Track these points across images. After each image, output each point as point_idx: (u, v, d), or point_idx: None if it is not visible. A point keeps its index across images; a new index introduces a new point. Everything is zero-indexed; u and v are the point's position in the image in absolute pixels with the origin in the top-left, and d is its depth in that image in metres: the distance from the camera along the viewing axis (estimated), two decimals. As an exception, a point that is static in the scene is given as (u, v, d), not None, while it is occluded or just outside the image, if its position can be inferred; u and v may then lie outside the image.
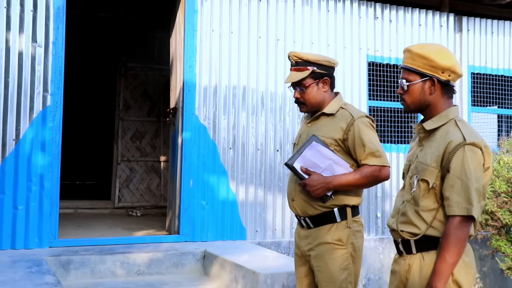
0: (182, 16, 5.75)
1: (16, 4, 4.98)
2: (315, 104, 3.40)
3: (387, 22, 6.54)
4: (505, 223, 5.53)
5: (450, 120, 2.65)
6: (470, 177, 2.50)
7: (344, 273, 3.28)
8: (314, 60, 3.39)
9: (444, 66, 2.63)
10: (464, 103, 6.89)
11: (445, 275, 2.51)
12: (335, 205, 3.31)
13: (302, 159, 3.29)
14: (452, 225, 2.52)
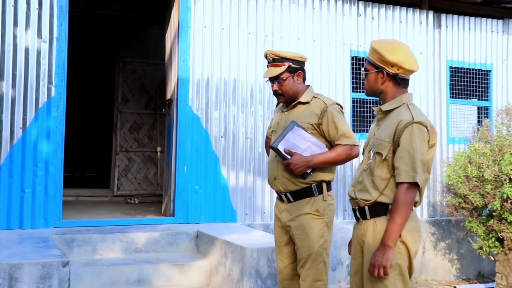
0: (176, 14, 6.16)
1: (23, 3, 5.39)
2: (292, 95, 3.89)
3: (370, 19, 6.96)
4: (476, 205, 5.97)
5: (403, 104, 3.12)
6: (416, 150, 2.96)
7: (321, 239, 3.77)
8: (289, 57, 3.88)
9: (392, 61, 3.09)
10: (442, 95, 7.31)
11: (395, 235, 2.95)
12: (313, 181, 3.81)
13: (285, 141, 3.75)
14: (400, 190, 2.97)
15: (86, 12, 8.26)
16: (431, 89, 7.24)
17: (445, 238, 7.16)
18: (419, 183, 2.93)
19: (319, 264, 3.79)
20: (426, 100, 7.19)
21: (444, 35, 7.38)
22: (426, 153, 3.00)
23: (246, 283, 4.63)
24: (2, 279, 3.95)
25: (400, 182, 2.96)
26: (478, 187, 5.91)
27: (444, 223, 7.13)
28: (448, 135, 7.30)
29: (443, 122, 7.28)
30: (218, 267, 5.08)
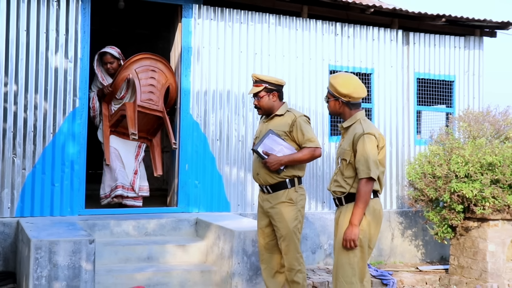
0: (179, 36, 7.29)
1: (53, 30, 6.53)
2: (267, 109, 5.14)
3: (346, 37, 8.07)
4: (431, 197, 7.09)
5: (357, 120, 4.35)
6: (368, 154, 4.16)
7: (295, 221, 5.01)
8: (266, 80, 5.14)
9: (344, 93, 4.34)
10: (410, 103, 8.42)
11: (359, 216, 4.20)
12: (286, 176, 5.00)
13: (263, 145, 5.00)
14: (361, 184, 4.20)
15: (103, 29, 9.41)
16: (400, 98, 8.36)
17: (411, 227, 8.27)
18: (373, 177, 4.17)
19: (295, 240, 4.99)
20: (396, 107, 8.31)
21: (412, 51, 8.49)
22: (377, 155, 4.20)
23: (234, 259, 5.76)
24: (44, 252, 5.10)
25: (360, 178, 4.16)
26: (432, 182, 7.03)
27: (410, 214, 8.25)
28: (415, 137, 8.42)
29: (411, 127, 8.40)
30: (213, 247, 6.23)
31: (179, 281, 5.88)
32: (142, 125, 6.97)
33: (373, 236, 4.36)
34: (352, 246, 4.20)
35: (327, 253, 7.70)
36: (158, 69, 7.05)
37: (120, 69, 6.93)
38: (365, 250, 4.31)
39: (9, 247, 6.21)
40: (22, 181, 6.36)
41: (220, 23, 7.38)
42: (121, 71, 6.92)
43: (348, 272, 4.25)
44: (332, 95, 4.43)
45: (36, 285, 5.05)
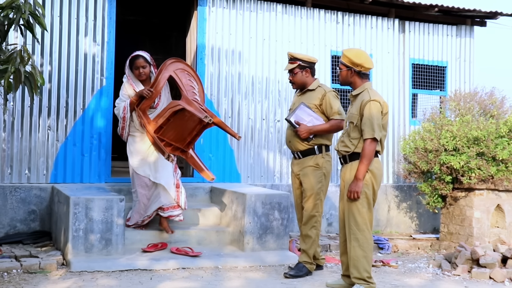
0: (195, 23, 8.02)
1: (83, 16, 7.27)
2: (300, 84, 5.91)
3: (346, 25, 8.80)
4: (423, 170, 7.81)
5: (365, 89, 5.09)
6: (373, 117, 4.90)
7: (319, 184, 5.79)
8: (300, 57, 5.88)
9: (356, 62, 5.07)
10: (406, 86, 9.14)
11: (363, 171, 4.96)
12: (315, 143, 5.75)
13: (295, 116, 5.77)
14: (365, 144, 4.95)
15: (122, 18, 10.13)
16: (396, 81, 9.08)
17: (406, 200, 9.00)
18: (377, 137, 4.91)
19: (317, 200, 5.75)
20: (392, 90, 9.03)
21: (408, 38, 9.20)
22: (380, 119, 4.96)
23: (246, 219, 6.49)
24: (81, 208, 5.85)
25: (365, 138, 4.90)
26: (424, 156, 7.75)
27: (405, 188, 8.97)
28: (410, 117, 9.14)
29: (406, 108, 9.12)
30: (227, 210, 6.97)
31: (196, 240, 6.62)
32: (183, 130, 6.31)
33: (376, 190, 5.11)
34: (355, 197, 4.93)
35: (329, 222, 8.43)
36: (190, 74, 6.67)
37: (160, 70, 6.40)
38: (371, 202, 5.06)
39: (45, 209, 6.96)
40: (56, 151, 7.10)
41: (232, 11, 8.11)
42: (161, 71, 6.39)
43: (358, 220, 4.99)
44: (345, 65, 5.16)
45: (74, 237, 5.80)
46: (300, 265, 5.78)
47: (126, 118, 6.37)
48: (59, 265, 5.71)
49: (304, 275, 5.70)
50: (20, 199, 6.87)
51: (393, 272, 6.21)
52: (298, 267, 5.78)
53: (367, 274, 5.00)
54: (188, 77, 6.58)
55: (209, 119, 6.16)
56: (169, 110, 6.26)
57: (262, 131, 8.21)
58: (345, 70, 5.17)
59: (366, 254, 5.00)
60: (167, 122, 6.25)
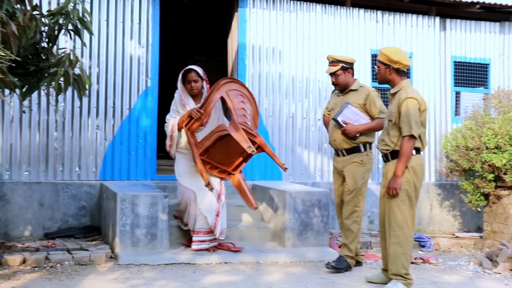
0: (236, 24, 8.21)
1: (128, 19, 7.55)
2: (344, 85, 6.05)
3: (386, 24, 8.84)
4: (464, 168, 7.80)
5: (403, 87, 5.16)
6: (410, 115, 5.00)
7: (362, 180, 5.91)
8: (342, 59, 6.03)
9: (395, 60, 5.15)
10: (447, 84, 9.11)
11: (401, 168, 5.06)
12: (360, 142, 5.90)
13: (342, 115, 5.92)
14: (403, 141, 5.04)
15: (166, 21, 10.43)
16: (438, 79, 9.07)
17: (449, 198, 8.97)
18: (414, 134, 4.98)
19: (359, 195, 5.91)
20: (433, 88, 9.02)
21: (449, 36, 9.17)
22: (418, 116, 5.04)
23: (287, 216, 6.64)
24: (128, 204, 6.10)
25: (403, 136, 5.01)
26: (465, 154, 7.74)
27: (448, 186, 8.95)
28: (453, 115, 9.11)
29: (448, 106, 9.10)
30: (268, 207, 7.12)
31: (239, 235, 6.80)
32: (230, 153, 6.15)
33: (418, 187, 5.16)
34: (394, 193, 5.02)
35: (370, 220, 8.50)
36: (244, 95, 6.31)
37: (211, 91, 6.09)
38: (412, 199, 5.12)
39: (94, 205, 7.26)
40: (104, 150, 7.40)
41: (272, 12, 8.26)
42: (212, 92, 6.08)
43: (398, 217, 5.07)
44: (383, 63, 5.23)
45: (122, 231, 6.06)
46: (342, 259, 5.90)
47: (174, 137, 6.25)
48: (108, 258, 5.97)
49: (344, 269, 5.82)
50: (71, 195, 7.18)
51: (432, 269, 6.25)
52: (339, 260, 5.89)
53: (405, 270, 5.07)
54: (242, 99, 6.26)
55: (252, 149, 5.89)
56: (216, 133, 6.10)
57: (303, 130, 8.33)
58: (383, 68, 5.24)
59: (405, 251, 5.07)
60: (213, 146, 6.09)
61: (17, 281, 5.04)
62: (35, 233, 7.01)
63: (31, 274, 5.29)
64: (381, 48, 5.39)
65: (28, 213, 7.01)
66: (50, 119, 7.16)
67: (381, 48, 5.39)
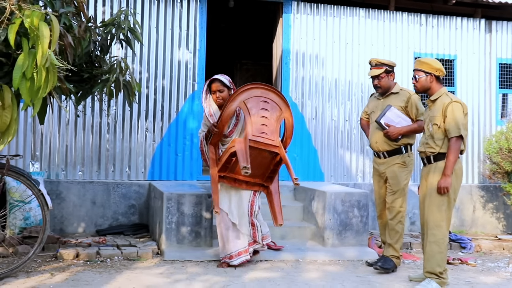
0: (280, 29, 8.45)
1: (177, 26, 7.90)
2: (386, 88, 6.17)
3: (430, 27, 8.90)
4: (506, 170, 7.82)
5: (443, 93, 5.36)
6: (457, 117, 5.19)
7: (405, 181, 6.05)
8: (386, 63, 6.15)
9: (436, 67, 5.32)
10: (492, 86, 9.10)
11: (451, 168, 5.24)
12: (402, 144, 6.01)
13: (385, 118, 6.04)
14: (452, 141, 5.23)
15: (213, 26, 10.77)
16: (482, 82, 9.07)
17: (493, 200, 8.96)
18: (462, 135, 5.19)
19: (403, 196, 6.04)
20: (478, 90, 9.03)
21: (495, 38, 9.15)
22: (463, 119, 5.24)
23: (326, 216, 6.84)
24: (173, 202, 6.42)
25: (451, 137, 5.20)
26: (508, 156, 7.75)
27: (492, 188, 8.94)
28: (497, 118, 9.09)
29: (493, 108, 9.08)
30: (308, 207, 7.34)
31: (280, 234, 7.03)
32: (256, 166, 5.69)
33: (457, 189, 5.35)
34: (445, 192, 5.20)
35: (412, 221, 8.59)
36: (270, 100, 5.86)
37: (227, 102, 5.78)
38: (451, 201, 5.30)
39: (143, 204, 7.64)
40: (152, 151, 7.77)
41: (316, 17, 8.46)
42: (227, 104, 5.76)
43: (437, 217, 5.25)
44: (424, 71, 5.40)
45: (167, 229, 6.39)
46: (388, 259, 5.99)
47: (204, 151, 6.13)
48: (154, 254, 6.32)
49: (391, 269, 5.93)
50: (121, 195, 7.57)
51: (470, 270, 6.33)
52: (385, 260, 5.99)
53: (440, 269, 5.22)
54: (264, 105, 5.82)
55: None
56: (229, 149, 5.77)
57: (345, 132, 8.50)
58: (424, 76, 5.41)
59: (441, 250, 5.23)
60: (231, 161, 5.78)
61: (70, 273, 5.42)
62: (87, 229, 7.43)
63: (83, 267, 5.68)
64: (418, 59, 5.56)
65: (81, 211, 7.43)
66: (103, 122, 7.58)
67: (418, 59, 5.56)
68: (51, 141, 7.42)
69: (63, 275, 5.32)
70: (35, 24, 3.28)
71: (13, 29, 3.29)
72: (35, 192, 5.29)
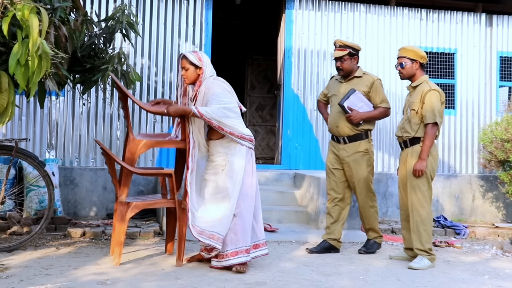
0: (283, 25, 8.84)
1: (184, 22, 8.36)
2: (348, 71, 6.03)
3: (430, 21, 9.18)
4: (500, 159, 8.05)
5: (424, 81, 5.68)
6: (434, 105, 5.53)
7: (369, 168, 6.06)
8: (350, 45, 6.01)
9: (422, 55, 5.67)
10: (493, 79, 9.32)
11: (426, 152, 5.58)
12: (362, 129, 5.99)
13: (349, 101, 5.99)
14: (428, 127, 5.56)
15: (225, 22, 11.24)
16: (482, 75, 9.30)
17: (492, 190, 9.18)
18: (438, 122, 5.51)
19: (369, 182, 6.07)
20: (478, 83, 9.26)
21: (495, 32, 9.37)
22: (440, 106, 5.56)
23: (320, 200, 7.19)
24: (174, 186, 6.87)
25: (427, 123, 5.53)
26: (501, 145, 7.99)
27: (491, 178, 9.16)
28: (497, 110, 9.30)
29: (493, 100, 9.30)
30: (306, 193, 7.71)
31: (277, 218, 7.42)
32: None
33: (434, 169, 5.69)
34: (420, 175, 5.52)
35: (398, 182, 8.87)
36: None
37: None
38: (430, 181, 5.65)
39: (151, 190, 8.12)
40: (160, 140, 8.23)
41: (318, 13, 8.83)
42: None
43: (420, 197, 5.59)
44: (409, 59, 5.69)
45: (169, 210, 6.83)
46: (371, 242, 6.19)
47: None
48: (156, 234, 6.78)
49: (376, 251, 6.16)
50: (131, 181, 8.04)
51: (454, 251, 6.61)
52: (369, 243, 6.19)
53: (429, 245, 5.60)
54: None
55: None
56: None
57: (346, 123, 8.83)
58: (409, 63, 5.72)
59: (426, 228, 5.60)
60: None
61: (74, 247, 5.93)
62: (99, 213, 7.95)
63: (88, 244, 6.17)
64: (403, 46, 5.88)
65: (93, 196, 7.95)
66: (114, 113, 8.08)
67: (403, 46, 5.88)
68: (65, 130, 7.95)
69: (67, 249, 5.82)
70: (26, 16, 3.76)
71: (6, 21, 3.78)
72: (41, 173, 5.80)
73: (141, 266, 5.16)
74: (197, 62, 5.20)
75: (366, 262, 5.73)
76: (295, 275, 5.04)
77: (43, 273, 4.76)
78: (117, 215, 5.27)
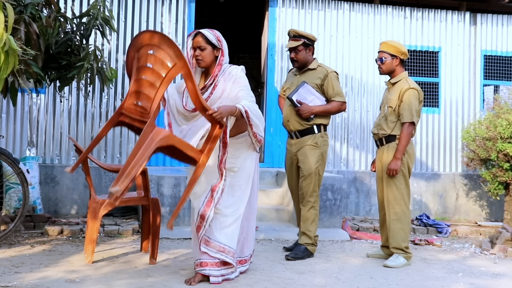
0: (266, 23, 8.82)
1: (166, 20, 8.33)
2: (303, 62, 5.71)
3: (415, 20, 9.16)
4: (482, 157, 8.04)
5: (403, 78, 5.63)
6: (412, 104, 5.48)
7: (317, 163, 5.67)
8: (305, 35, 5.69)
9: (403, 51, 5.63)
10: (477, 78, 9.32)
11: (401, 151, 5.55)
12: (314, 123, 5.65)
13: (298, 94, 5.62)
14: (404, 126, 5.52)
15: (211, 20, 11.19)
16: (467, 73, 9.28)
17: (476, 189, 9.17)
18: (414, 122, 5.48)
19: (315, 179, 5.66)
20: (462, 81, 9.25)
21: (479, 30, 9.36)
22: (418, 105, 5.52)
23: (301, 199, 7.18)
24: (153, 184, 6.85)
25: (403, 122, 5.49)
26: (483, 143, 7.99)
27: (475, 177, 9.15)
28: (481, 108, 9.30)
29: (477, 99, 9.30)
30: (287, 191, 7.65)
31: (258, 216, 7.37)
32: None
33: (410, 167, 5.66)
34: (394, 174, 5.51)
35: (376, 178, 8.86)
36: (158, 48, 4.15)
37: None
38: (407, 179, 5.64)
39: (133, 188, 8.05)
40: (142, 138, 8.20)
41: (301, 10, 8.81)
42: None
43: (397, 195, 5.58)
44: (390, 54, 5.64)
45: (147, 208, 6.81)
46: (302, 247, 5.70)
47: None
48: (135, 232, 6.75)
49: (305, 257, 5.66)
50: (112, 179, 8.00)
51: (433, 250, 6.61)
52: (299, 249, 5.70)
53: (405, 244, 5.57)
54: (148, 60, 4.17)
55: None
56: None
57: (330, 121, 8.80)
58: (390, 59, 5.68)
59: (403, 226, 5.57)
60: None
61: (49, 245, 5.89)
62: (80, 211, 7.91)
63: (64, 242, 6.14)
64: (384, 41, 5.83)
65: (74, 194, 7.91)
66: (95, 111, 8.04)
67: (384, 41, 5.83)
68: (46, 128, 7.91)
69: (42, 247, 5.78)
70: (-10, 12, 3.72)
71: (-30, 17, 3.74)
72: (15, 170, 5.76)
73: (114, 264, 5.13)
74: (216, 42, 4.49)
75: (342, 260, 5.72)
76: (268, 273, 5.02)
77: (13, 271, 4.73)
78: (90, 212, 5.24)
